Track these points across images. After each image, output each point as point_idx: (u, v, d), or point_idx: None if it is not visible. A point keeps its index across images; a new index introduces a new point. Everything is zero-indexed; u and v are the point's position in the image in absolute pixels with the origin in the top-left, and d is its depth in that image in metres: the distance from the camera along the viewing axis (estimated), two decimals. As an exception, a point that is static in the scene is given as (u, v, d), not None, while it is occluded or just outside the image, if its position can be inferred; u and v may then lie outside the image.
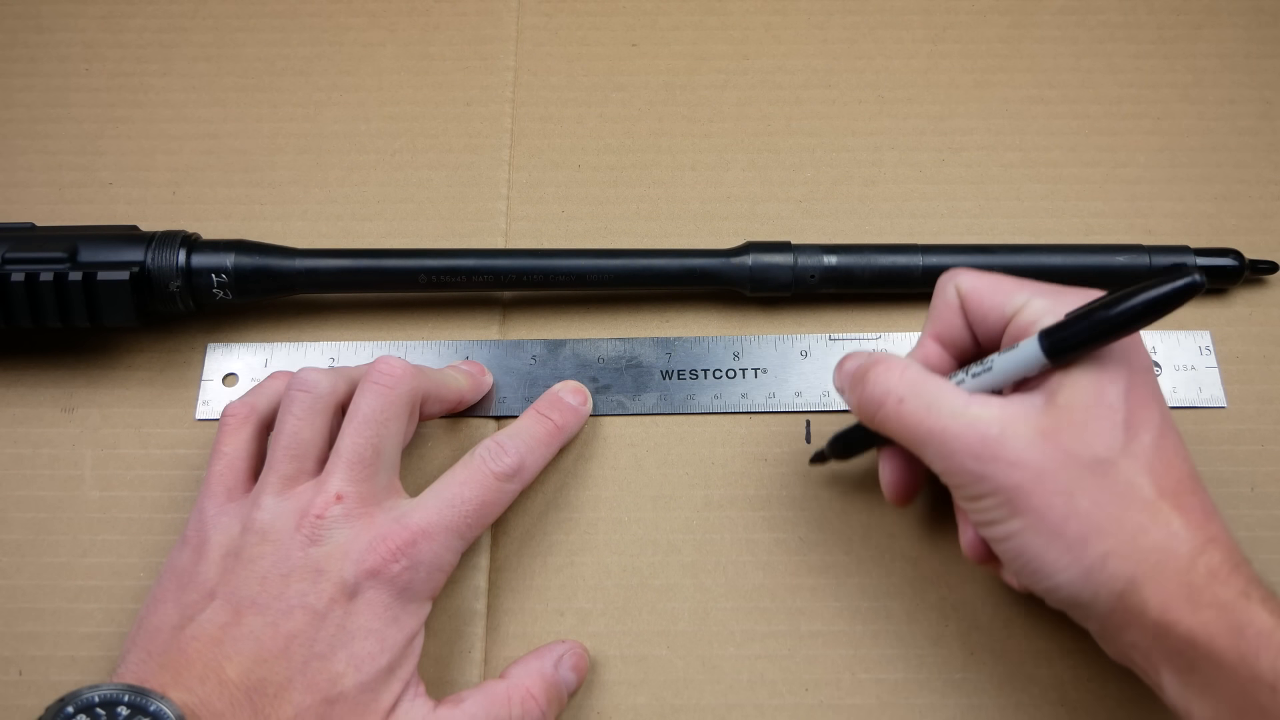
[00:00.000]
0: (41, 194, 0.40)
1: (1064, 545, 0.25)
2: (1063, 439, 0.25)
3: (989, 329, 0.29)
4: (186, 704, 0.25)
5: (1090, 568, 0.25)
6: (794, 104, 0.42)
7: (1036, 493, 0.25)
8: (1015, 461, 0.25)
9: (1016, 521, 0.26)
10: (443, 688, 0.32)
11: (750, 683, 0.32)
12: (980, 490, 0.26)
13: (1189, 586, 0.24)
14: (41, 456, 0.35)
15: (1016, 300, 0.28)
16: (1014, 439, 0.25)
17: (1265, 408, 0.36)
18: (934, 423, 0.26)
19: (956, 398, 0.27)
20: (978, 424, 0.26)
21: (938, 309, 0.30)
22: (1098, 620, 0.26)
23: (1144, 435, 0.25)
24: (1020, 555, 0.26)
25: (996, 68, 0.43)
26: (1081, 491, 0.25)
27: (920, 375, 0.28)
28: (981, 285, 0.29)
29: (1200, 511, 0.25)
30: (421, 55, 0.43)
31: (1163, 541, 0.25)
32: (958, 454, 0.26)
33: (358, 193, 0.40)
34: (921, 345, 0.30)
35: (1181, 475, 0.26)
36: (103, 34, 0.44)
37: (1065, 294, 0.27)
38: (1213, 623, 0.24)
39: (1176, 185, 0.40)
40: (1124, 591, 0.25)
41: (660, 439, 0.36)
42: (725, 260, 0.36)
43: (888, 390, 0.28)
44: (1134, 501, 0.25)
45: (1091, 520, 0.25)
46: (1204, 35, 0.43)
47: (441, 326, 0.38)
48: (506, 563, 0.34)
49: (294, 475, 0.30)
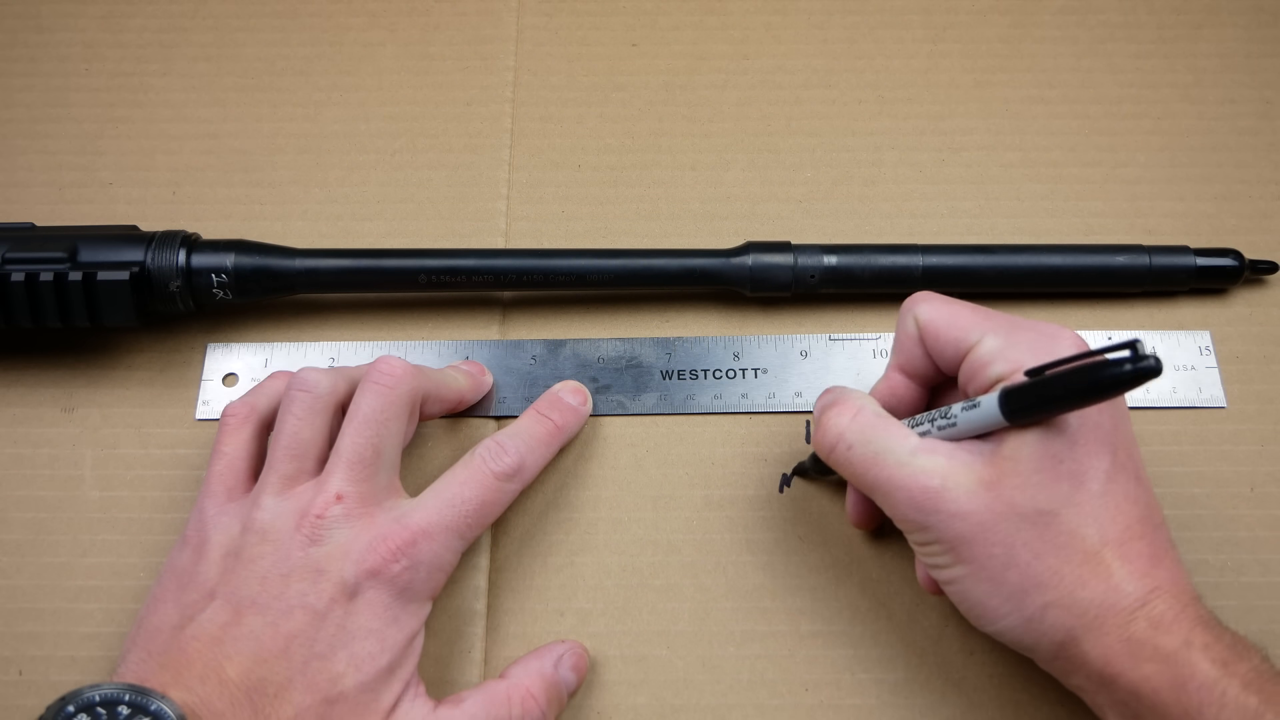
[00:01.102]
0: (41, 194, 0.40)
1: (1004, 595, 0.26)
2: (1005, 491, 0.25)
3: (946, 361, 0.29)
4: (187, 703, 0.25)
5: (1030, 618, 0.25)
6: (794, 104, 0.42)
7: (977, 543, 0.25)
8: (956, 513, 0.26)
9: (960, 569, 0.26)
10: (443, 688, 0.32)
11: (750, 683, 0.32)
12: (925, 538, 0.27)
13: (1129, 640, 0.24)
14: (41, 456, 0.35)
15: (971, 337, 0.27)
16: (955, 490, 0.26)
17: (1265, 408, 0.36)
18: (879, 472, 0.27)
19: (903, 446, 0.27)
20: (920, 476, 0.26)
21: (899, 340, 0.30)
22: (1044, 663, 0.27)
23: (1090, 484, 0.25)
24: (964, 600, 0.27)
25: (996, 68, 0.43)
26: (1022, 543, 0.25)
27: (871, 421, 0.28)
28: (938, 318, 0.28)
29: (1147, 558, 0.25)
30: (421, 55, 0.43)
31: (1102, 595, 0.25)
32: (901, 504, 0.27)
33: (358, 193, 0.40)
34: (887, 377, 0.31)
35: (1129, 521, 0.26)
36: (103, 34, 0.44)
37: (1019, 330, 0.27)
38: (1155, 676, 0.24)
39: (1176, 185, 0.40)
40: (1064, 642, 0.25)
41: (660, 439, 0.36)
42: (725, 260, 0.36)
43: (839, 435, 0.28)
44: (1075, 554, 0.25)
45: (1031, 572, 0.25)
46: (1204, 35, 0.43)
47: (441, 326, 0.38)
48: (506, 563, 0.34)
49: (294, 475, 0.30)
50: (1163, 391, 0.36)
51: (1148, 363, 0.23)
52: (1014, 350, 0.26)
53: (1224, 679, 0.23)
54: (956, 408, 0.27)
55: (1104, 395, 0.24)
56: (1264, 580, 0.33)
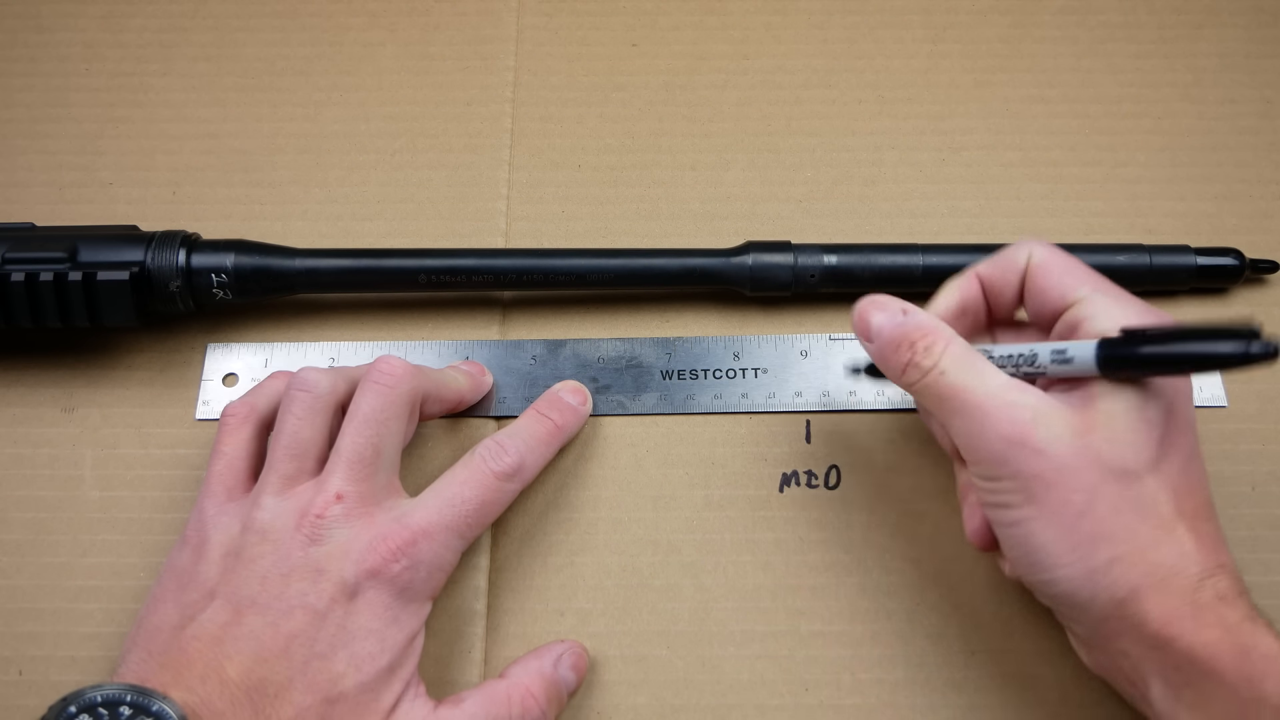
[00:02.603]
0: (41, 194, 0.40)
1: (1073, 542, 0.25)
2: (1094, 441, 0.25)
3: (1043, 306, 0.29)
4: (187, 704, 0.25)
5: (1095, 569, 0.25)
6: (794, 104, 0.42)
7: (1056, 485, 0.25)
8: (1042, 451, 0.25)
9: (1029, 509, 0.26)
10: (443, 688, 0.32)
11: (750, 683, 0.32)
12: (1000, 472, 0.26)
13: (1194, 605, 0.24)
14: (41, 456, 0.35)
15: (1082, 290, 0.28)
16: (1046, 429, 0.26)
17: (1266, 407, 0.36)
18: (970, 397, 0.27)
19: (998, 378, 0.27)
20: (1013, 408, 0.26)
21: (1000, 264, 0.30)
22: (1090, 624, 0.26)
23: (1174, 457, 0.26)
24: (1024, 544, 0.26)
25: (997, 67, 0.43)
26: (1102, 495, 0.25)
27: (964, 350, 0.28)
28: (1053, 263, 0.28)
29: (1213, 539, 0.26)
30: (421, 55, 0.43)
31: (1173, 559, 0.25)
32: (988, 432, 0.26)
33: (358, 193, 0.40)
34: (968, 277, 0.30)
35: (1201, 502, 0.26)
36: (103, 34, 0.44)
37: (1129, 298, 0.27)
38: (1217, 642, 0.24)
39: (1177, 185, 0.40)
40: (1125, 599, 0.25)
41: (660, 439, 0.36)
42: (725, 260, 0.36)
43: (935, 362, 0.28)
44: (1151, 516, 0.25)
45: (1106, 525, 0.25)
46: (1204, 35, 0.43)
47: (441, 326, 0.38)
48: (506, 563, 0.34)
49: (294, 475, 0.30)
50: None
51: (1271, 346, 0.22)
52: (1122, 312, 0.27)
53: None
54: (1043, 350, 0.27)
55: (1210, 368, 0.24)
56: (1266, 579, 0.33)
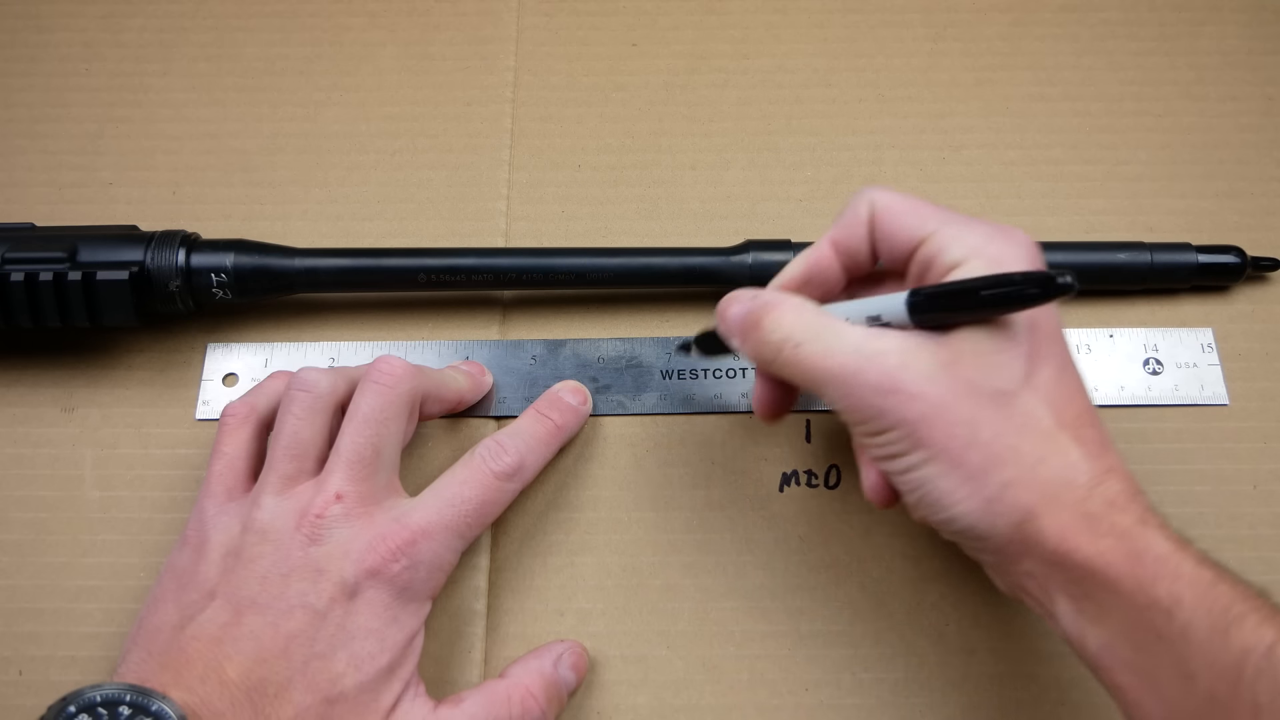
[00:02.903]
0: (41, 194, 0.40)
1: (964, 475, 0.25)
2: (964, 370, 0.25)
3: (894, 251, 0.28)
4: (187, 704, 0.25)
5: (990, 498, 0.25)
6: (794, 103, 0.42)
7: (938, 424, 0.25)
8: (916, 394, 0.25)
9: (918, 454, 0.26)
10: (443, 688, 0.32)
11: (750, 683, 0.32)
12: (882, 424, 0.26)
13: (1087, 516, 0.24)
14: (41, 456, 0.35)
15: (928, 226, 0.27)
16: (915, 371, 0.25)
17: (1268, 405, 0.36)
18: (833, 362, 0.26)
19: (854, 333, 0.26)
20: (878, 358, 0.26)
21: (845, 220, 0.29)
22: (994, 551, 0.26)
23: (1045, 369, 0.26)
24: (921, 487, 0.26)
25: (997, 66, 0.43)
26: (982, 422, 0.25)
27: (815, 316, 0.27)
28: (896, 206, 0.28)
29: (1098, 444, 0.26)
30: (421, 55, 0.43)
31: (1061, 472, 0.25)
32: (859, 389, 0.26)
33: (358, 193, 0.40)
34: (818, 247, 0.29)
35: (1080, 409, 0.26)
36: (103, 34, 0.44)
37: (975, 223, 0.27)
38: (1110, 550, 0.24)
39: (1178, 182, 0.40)
40: (1022, 521, 0.25)
41: (660, 439, 0.36)
42: (725, 259, 0.36)
43: (786, 336, 0.27)
44: (1033, 433, 0.25)
45: (991, 451, 0.25)
46: (1205, 32, 0.43)
47: (441, 326, 0.38)
48: (506, 563, 0.34)
49: (294, 475, 0.30)
50: (1165, 389, 0.36)
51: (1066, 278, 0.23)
52: (971, 237, 0.26)
53: (1178, 553, 0.24)
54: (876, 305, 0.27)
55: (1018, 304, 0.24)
56: (1267, 578, 0.33)
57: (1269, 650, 0.22)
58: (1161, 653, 0.23)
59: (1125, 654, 0.24)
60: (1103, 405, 0.36)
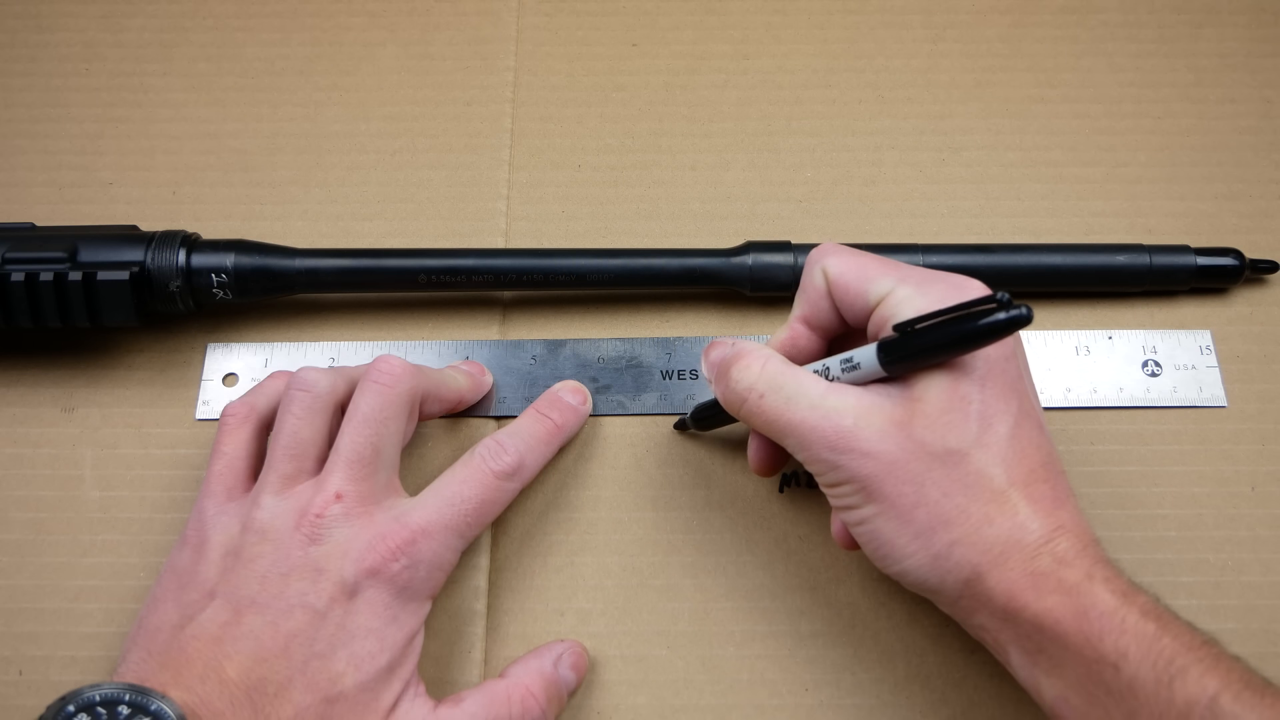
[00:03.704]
0: (41, 194, 0.40)
1: (913, 532, 0.26)
2: (915, 430, 0.26)
3: (855, 314, 0.29)
4: (187, 703, 0.25)
5: (937, 555, 0.26)
6: (794, 104, 0.42)
7: (888, 481, 0.26)
8: (868, 452, 0.26)
9: (870, 508, 0.26)
10: (443, 687, 0.32)
11: (750, 683, 0.32)
12: (836, 478, 0.27)
13: (1033, 574, 0.25)
14: (41, 456, 0.35)
15: (881, 288, 0.28)
16: (867, 429, 0.26)
17: (1266, 407, 0.36)
18: (792, 415, 0.27)
19: (814, 389, 0.27)
20: (832, 415, 0.26)
21: (805, 292, 0.30)
22: (948, 604, 0.27)
23: (999, 426, 0.26)
24: (873, 540, 0.27)
25: (997, 67, 0.43)
26: (931, 482, 0.25)
27: (780, 369, 0.28)
28: (847, 270, 0.28)
29: (1050, 500, 0.26)
30: (421, 55, 0.43)
31: (1008, 532, 0.25)
32: (814, 445, 0.27)
33: (358, 193, 0.40)
34: (789, 328, 0.30)
35: (1034, 465, 0.26)
36: (103, 34, 0.44)
37: (929, 281, 0.27)
38: (1058, 608, 0.24)
39: (1177, 184, 0.40)
40: (970, 579, 0.25)
41: (660, 439, 0.36)
42: (725, 260, 0.36)
43: (750, 386, 0.28)
44: (982, 492, 0.25)
45: (939, 510, 0.25)
46: (1204, 34, 0.43)
47: (441, 326, 0.38)
48: (506, 563, 0.34)
49: (293, 474, 0.30)
50: (1163, 391, 0.36)
51: (1020, 310, 0.23)
52: (924, 299, 0.27)
53: (1124, 607, 0.24)
54: (833, 362, 0.28)
55: (976, 343, 0.25)
56: (1265, 580, 0.33)
57: (1211, 701, 0.22)
58: (1111, 705, 0.23)
59: (1079, 705, 0.24)
60: (1101, 407, 0.36)
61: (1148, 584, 0.33)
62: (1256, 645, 0.32)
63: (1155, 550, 0.34)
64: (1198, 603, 0.33)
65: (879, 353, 0.26)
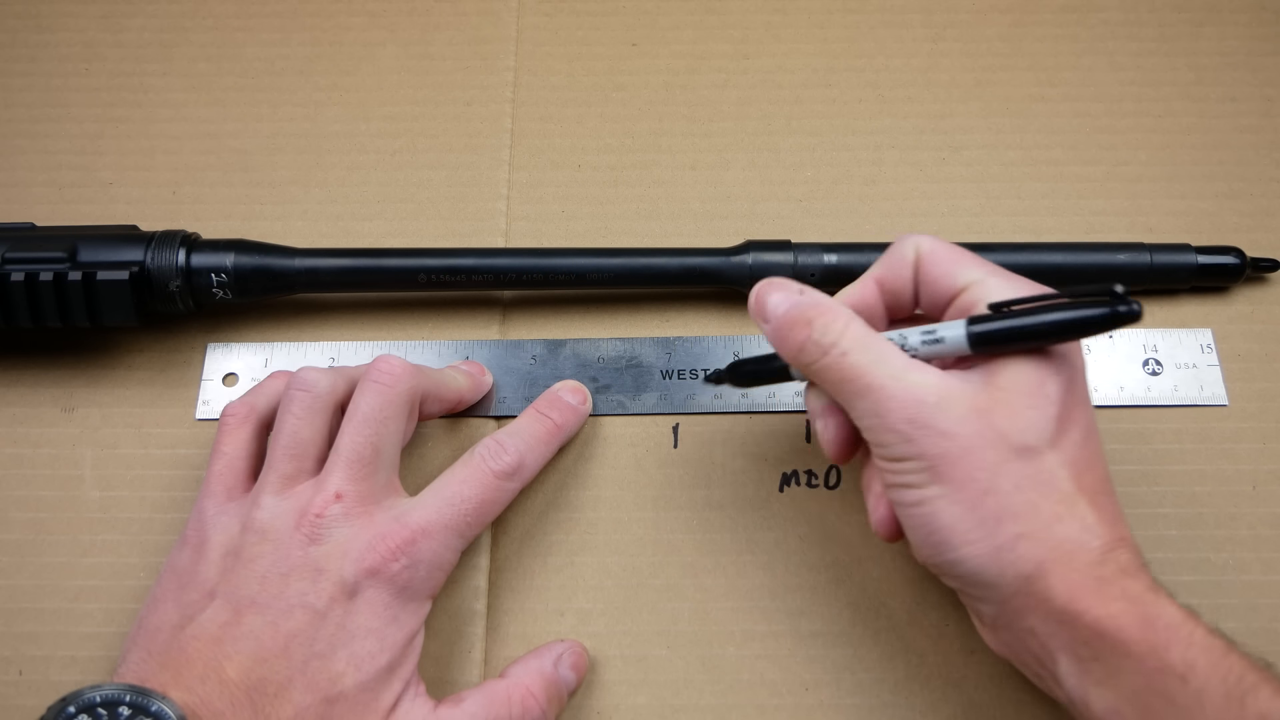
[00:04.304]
0: (41, 194, 0.40)
1: (977, 519, 0.25)
2: (996, 419, 0.25)
3: (935, 296, 0.28)
4: (187, 703, 0.25)
5: (1000, 546, 0.25)
6: (794, 103, 0.42)
7: (961, 464, 0.25)
8: (946, 431, 0.25)
9: (934, 489, 0.26)
10: (443, 687, 0.32)
11: (750, 683, 0.32)
12: (905, 452, 0.26)
13: (1099, 579, 0.25)
14: (41, 456, 0.35)
15: (970, 275, 0.27)
16: (949, 410, 0.26)
17: (1267, 406, 0.36)
18: (873, 379, 0.26)
19: (899, 359, 0.27)
20: (916, 389, 0.26)
21: (890, 261, 0.29)
22: (997, 602, 0.26)
23: (1073, 432, 0.26)
24: (929, 523, 0.26)
25: (997, 66, 0.43)
26: (1005, 473, 0.25)
27: (865, 330, 0.27)
28: (940, 250, 0.28)
29: (1112, 513, 0.26)
30: (421, 55, 0.43)
31: (1076, 534, 0.25)
32: (893, 413, 0.26)
33: (358, 193, 0.40)
34: (862, 284, 0.30)
35: (1100, 476, 0.26)
36: (103, 34, 0.44)
37: (1015, 279, 0.27)
38: (1122, 614, 0.24)
39: (1178, 183, 0.40)
40: (1031, 575, 0.25)
41: (660, 439, 0.36)
42: (725, 259, 0.36)
43: (834, 341, 0.27)
44: (1053, 491, 0.25)
45: (1009, 501, 0.25)
46: (1205, 33, 0.43)
47: (441, 326, 0.38)
48: (506, 563, 0.34)
49: (293, 474, 0.30)
50: (1164, 390, 0.36)
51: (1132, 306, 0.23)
52: (1012, 289, 0.26)
53: (1190, 622, 0.24)
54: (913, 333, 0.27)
55: (1080, 333, 0.24)
56: (1266, 579, 0.33)
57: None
58: (1172, 718, 0.23)
59: (1133, 718, 0.24)
60: (1102, 406, 0.36)
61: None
62: (1258, 645, 0.32)
63: (1156, 550, 0.34)
64: (1199, 602, 0.33)
65: (969, 326, 0.26)
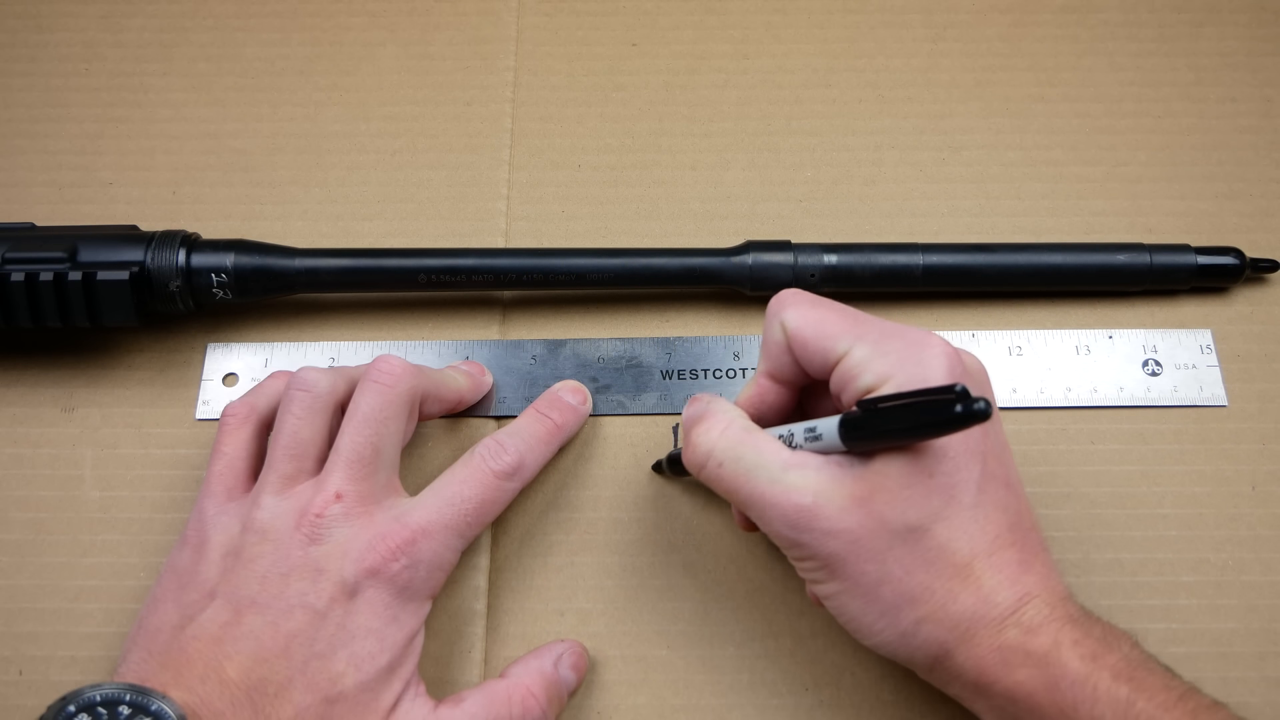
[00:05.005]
0: (41, 194, 0.40)
1: (879, 610, 0.26)
2: (876, 505, 0.25)
3: (816, 370, 0.28)
4: (187, 703, 0.25)
5: (904, 633, 0.26)
6: (794, 103, 0.42)
7: (850, 559, 0.25)
8: (829, 531, 0.25)
9: (835, 584, 0.26)
10: (443, 688, 0.32)
11: (750, 683, 0.32)
12: (799, 554, 0.27)
13: (1001, 649, 0.25)
14: (41, 456, 0.35)
15: (840, 346, 0.27)
16: (827, 507, 0.25)
17: (1266, 406, 0.36)
18: (751, 489, 0.26)
19: (775, 461, 0.26)
20: (792, 492, 0.26)
21: (767, 346, 0.29)
22: (923, 675, 0.27)
23: (962, 497, 0.25)
24: (841, 614, 0.27)
25: (997, 66, 0.43)
26: (894, 559, 0.25)
27: (740, 437, 0.27)
28: (805, 326, 0.28)
29: (1017, 565, 0.25)
30: (421, 55, 0.43)
31: (973, 607, 0.25)
32: (774, 521, 0.26)
33: (358, 193, 0.40)
34: (755, 384, 0.30)
35: (1000, 530, 0.26)
36: (103, 34, 0.44)
37: (887, 338, 0.26)
38: (1028, 680, 0.24)
39: (1177, 184, 0.40)
40: (938, 655, 0.25)
41: (660, 439, 0.36)
42: (725, 259, 0.36)
43: (709, 452, 0.28)
44: (946, 567, 0.25)
45: (903, 588, 0.25)
46: (1205, 34, 0.43)
47: (441, 326, 0.38)
48: (506, 563, 0.34)
49: (293, 474, 0.30)
50: (1164, 390, 0.36)
51: (978, 405, 0.22)
52: (882, 361, 0.26)
53: (1094, 673, 0.24)
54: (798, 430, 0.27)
55: (935, 433, 0.24)
56: (1265, 579, 0.33)
57: None
58: None
59: None
60: (1101, 406, 0.36)
61: (1148, 584, 0.33)
62: (1257, 645, 0.32)
63: (1156, 550, 0.34)
64: (1199, 602, 0.33)
65: (840, 429, 0.25)
